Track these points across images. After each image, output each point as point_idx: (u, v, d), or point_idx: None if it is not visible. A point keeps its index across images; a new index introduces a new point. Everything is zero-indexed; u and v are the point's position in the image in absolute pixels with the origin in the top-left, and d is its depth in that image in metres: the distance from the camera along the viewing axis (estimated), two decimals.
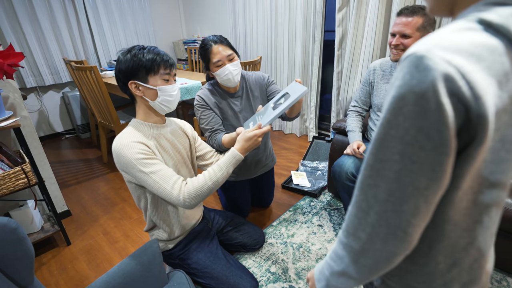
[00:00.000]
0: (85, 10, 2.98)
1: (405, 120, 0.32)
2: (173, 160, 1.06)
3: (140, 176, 0.93)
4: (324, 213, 1.74)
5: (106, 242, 1.59)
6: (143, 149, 0.93)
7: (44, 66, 2.86)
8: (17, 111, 1.48)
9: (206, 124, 1.33)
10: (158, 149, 1.00)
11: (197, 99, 1.35)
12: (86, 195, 2.05)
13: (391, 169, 0.35)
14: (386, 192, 0.36)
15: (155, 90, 0.96)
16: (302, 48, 2.56)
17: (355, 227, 0.40)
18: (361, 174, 0.39)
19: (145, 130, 1.00)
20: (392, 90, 0.34)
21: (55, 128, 3.14)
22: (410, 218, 0.35)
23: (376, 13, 1.97)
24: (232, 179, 1.54)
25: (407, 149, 0.33)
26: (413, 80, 0.31)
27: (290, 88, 1.09)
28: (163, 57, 0.96)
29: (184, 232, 1.16)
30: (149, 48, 0.95)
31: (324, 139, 2.34)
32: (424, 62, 0.31)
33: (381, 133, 0.35)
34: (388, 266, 0.39)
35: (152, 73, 0.95)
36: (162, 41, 3.79)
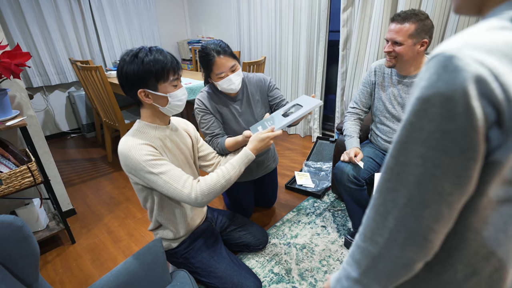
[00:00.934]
0: (91, 10, 3.01)
1: (430, 123, 0.31)
2: (177, 160, 1.06)
3: (149, 177, 0.93)
4: (328, 214, 1.73)
5: (110, 241, 1.60)
6: (151, 150, 0.93)
7: (51, 66, 2.89)
8: (24, 110, 1.50)
9: (206, 128, 1.33)
10: (164, 150, 1.01)
11: (197, 102, 1.35)
12: (91, 194, 2.07)
13: (412, 173, 0.34)
14: (406, 197, 0.35)
15: (165, 97, 0.96)
16: (306, 48, 2.56)
17: (372, 231, 0.39)
18: (380, 177, 0.38)
19: (150, 132, 1.00)
20: (416, 91, 0.32)
21: (61, 127, 3.17)
22: (431, 223, 0.34)
23: (381, 13, 1.95)
24: (237, 181, 1.54)
25: (431, 153, 0.32)
26: (440, 81, 0.30)
27: (302, 100, 1.15)
28: (171, 62, 0.93)
29: (188, 232, 1.16)
30: (155, 51, 0.92)
31: (328, 139, 2.33)
32: (454, 62, 0.29)
33: (403, 136, 0.34)
34: (407, 273, 0.38)
35: (162, 81, 0.93)
36: (167, 41, 3.80)
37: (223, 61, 1.22)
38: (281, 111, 1.17)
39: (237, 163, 1.04)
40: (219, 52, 1.21)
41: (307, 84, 2.70)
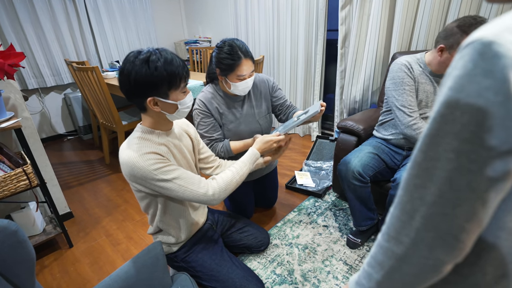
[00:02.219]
0: (87, 11, 2.97)
1: (463, 115, 0.29)
2: (180, 165, 1.04)
3: (162, 184, 0.89)
4: (329, 213, 1.71)
5: (109, 244, 1.57)
6: (158, 158, 0.90)
7: (46, 67, 2.85)
8: (19, 112, 1.47)
9: (205, 131, 1.31)
10: (169, 155, 0.98)
11: (197, 103, 1.32)
12: (88, 197, 2.03)
13: (443, 168, 0.31)
14: (436, 194, 0.32)
15: (175, 104, 0.91)
16: (304, 47, 2.54)
17: (397, 231, 0.37)
18: (406, 173, 0.36)
19: (153, 139, 0.95)
20: (449, 81, 0.30)
21: (57, 129, 3.13)
22: (463, 223, 0.32)
23: (380, 10, 1.94)
24: None
25: (465, 147, 0.30)
26: (477, 69, 0.28)
27: (313, 106, 1.23)
28: (183, 68, 0.89)
29: (189, 236, 1.14)
30: (165, 55, 0.87)
31: (328, 138, 2.32)
32: (493, 48, 0.27)
33: (433, 129, 0.32)
34: (434, 276, 0.36)
35: (174, 88, 0.89)
36: (164, 41, 3.77)
37: (248, 64, 1.22)
38: (295, 117, 1.24)
39: (247, 161, 1.09)
40: (246, 54, 1.20)
41: (305, 83, 2.69)
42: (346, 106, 2.39)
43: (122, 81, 0.87)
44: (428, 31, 1.82)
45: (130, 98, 0.91)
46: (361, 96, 2.25)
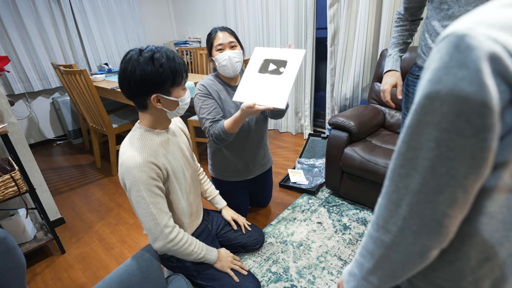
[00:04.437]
0: (73, 13, 2.92)
1: (442, 105, 0.30)
2: (180, 164, 1.04)
3: (138, 200, 0.90)
4: (323, 210, 1.73)
5: (102, 248, 1.55)
6: (155, 175, 0.91)
7: (32, 72, 2.79)
8: (5, 117, 1.44)
9: (208, 113, 1.28)
10: (167, 158, 0.97)
11: (198, 88, 1.33)
12: (80, 202, 2.00)
13: (425, 158, 0.33)
14: (420, 182, 0.34)
15: (177, 101, 0.93)
16: (294, 46, 2.55)
17: (385, 220, 0.38)
18: (392, 163, 0.37)
19: (154, 139, 0.96)
20: (427, 74, 0.32)
21: (46, 134, 3.07)
22: (446, 209, 0.33)
23: (367, 8, 1.97)
24: (231, 180, 1.51)
25: (444, 136, 0.31)
26: (452, 61, 0.29)
27: (281, 53, 1.12)
28: (184, 65, 0.91)
29: None
30: (167, 53, 0.87)
31: (320, 136, 2.33)
32: (466, 41, 0.29)
33: (415, 120, 0.33)
34: (422, 261, 0.37)
35: (176, 85, 0.91)
36: (153, 42, 3.73)
37: (223, 35, 1.28)
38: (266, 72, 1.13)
39: (204, 249, 1.08)
40: (222, 29, 1.29)
41: (296, 82, 2.70)
42: (337, 103, 2.41)
43: (125, 80, 0.87)
44: None
45: (132, 96, 0.91)
46: (351, 93, 2.27)
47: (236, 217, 1.36)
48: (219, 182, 1.55)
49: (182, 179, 1.05)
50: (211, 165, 1.53)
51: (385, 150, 1.57)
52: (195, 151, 2.37)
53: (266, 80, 1.12)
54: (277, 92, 1.08)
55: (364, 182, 1.62)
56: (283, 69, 1.10)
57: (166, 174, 0.96)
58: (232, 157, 1.46)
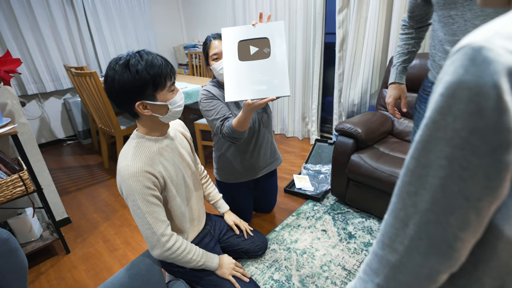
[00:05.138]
0: (86, 16, 2.99)
1: (455, 121, 0.28)
2: (179, 170, 1.04)
3: (134, 209, 0.90)
4: (328, 217, 1.70)
5: (106, 250, 1.56)
6: (150, 184, 0.90)
7: (45, 73, 2.87)
8: (16, 118, 1.47)
9: (216, 113, 1.27)
10: (165, 166, 0.97)
11: (202, 93, 1.33)
12: (87, 202, 2.03)
13: (436, 176, 0.31)
14: (429, 202, 0.32)
15: (165, 105, 0.90)
16: (302, 51, 2.54)
17: (391, 238, 0.36)
18: (399, 179, 0.35)
19: (151, 146, 0.95)
20: (440, 87, 0.30)
21: (57, 134, 3.13)
22: (457, 231, 0.31)
23: (377, 13, 1.95)
24: (237, 181, 1.51)
25: (457, 153, 0.29)
26: (467, 75, 0.27)
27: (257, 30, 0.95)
28: (166, 66, 0.87)
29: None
30: (146, 56, 0.86)
31: (327, 141, 2.31)
32: (483, 53, 0.27)
33: (425, 135, 0.31)
34: (430, 285, 0.35)
35: (160, 89, 0.88)
36: (163, 46, 3.79)
37: (217, 44, 1.27)
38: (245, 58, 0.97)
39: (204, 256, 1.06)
40: (216, 37, 1.29)
41: (304, 87, 2.69)
42: (345, 109, 2.38)
43: (107, 90, 0.86)
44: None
45: (119, 106, 0.89)
46: (359, 99, 2.24)
47: (238, 221, 1.35)
48: (224, 185, 1.54)
49: (181, 185, 1.04)
50: (216, 168, 1.53)
51: (393, 158, 1.54)
52: (201, 154, 2.37)
53: (254, 68, 0.95)
54: (274, 78, 0.93)
55: (371, 190, 1.59)
56: (268, 49, 0.95)
57: (163, 182, 0.95)
58: (239, 159, 1.45)
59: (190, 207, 1.12)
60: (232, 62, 0.96)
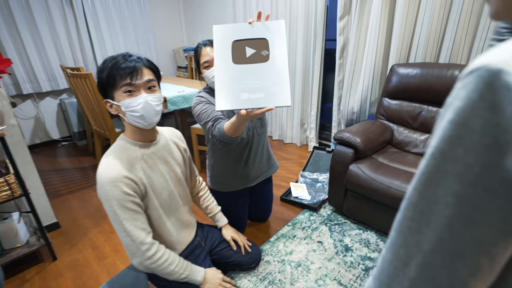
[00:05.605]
0: (85, 17, 2.96)
1: (467, 154, 0.24)
2: (166, 180, 1.00)
3: (111, 216, 0.87)
4: (324, 228, 1.65)
5: (94, 257, 1.51)
6: (129, 189, 0.87)
7: (42, 73, 2.83)
8: (5, 119, 1.43)
9: (208, 115, 1.21)
10: (147, 173, 0.93)
11: (195, 99, 1.29)
12: (78, 206, 1.98)
13: (442, 214, 0.27)
14: (434, 242, 0.27)
15: (119, 106, 0.88)
16: (302, 57, 2.52)
17: (390, 278, 0.32)
18: (400, 213, 0.31)
19: (134, 151, 0.92)
20: (449, 112, 0.26)
21: (52, 135, 3.09)
22: (465, 277, 0.27)
23: (378, 21, 1.92)
24: (231, 190, 1.46)
25: (468, 191, 0.25)
26: (482, 101, 0.24)
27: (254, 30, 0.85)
28: (121, 64, 0.85)
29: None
30: (119, 57, 0.87)
31: (325, 149, 2.27)
32: (502, 78, 0.23)
33: (432, 166, 0.27)
34: None
35: (114, 88, 0.87)
36: (162, 48, 3.77)
37: (208, 51, 1.24)
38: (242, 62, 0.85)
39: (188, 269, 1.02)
40: (206, 44, 1.25)
41: (303, 93, 2.66)
42: (344, 116, 2.35)
43: None
44: (427, 43, 1.80)
45: None
46: (359, 107, 2.21)
47: (237, 236, 1.30)
48: (218, 194, 1.49)
49: (165, 196, 1.00)
50: (210, 176, 1.49)
51: (392, 169, 1.50)
52: (197, 159, 2.33)
53: (250, 72, 0.83)
54: (273, 85, 0.82)
55: (369, 202, 1.54)
56: (267, 52, 0.84)
57: (144, 189, 0.92)
58: (232, 168, 1.41)
59: (177, 218, 1.07)
60: (224, 65, 0.84)
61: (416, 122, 1.78)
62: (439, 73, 1.67)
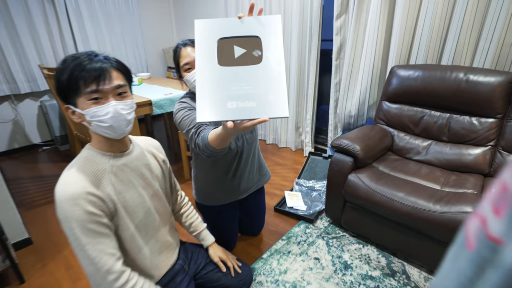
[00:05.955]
0: (67, 14, 2.79)
1: None
2: (141, 197, 0.86)
3: (71, 240, 0.72)
4: (322, 242, 1.53)
5: (68, 279, 1.36)
6: (94, 208, 0.73)
7: (20, 73, 2.65)
8: None
9: (190, 123, 1.07)
10: (117, 188, 0.80)
11: (177, 106, 1.15)
12: (54, 218, 1.82)
13: None
14: None
15: (83, 115, 0.74)
16: (297, 58, 2.40)
17: None
18: None
19: (102, 163, 0.79)
20: None
21: (32, 139, 2.91)
22: None
23: (377, 20, 1.81)
24: (219, 204, 1.33)
25: None
26: None
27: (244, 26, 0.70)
28: (86, 66, 0.72)
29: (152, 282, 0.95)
30: (82, 56, 0.73)
31: (321, 155, 2.16)
32: None
33: None
34: None
35: (75, 94, 0.73)
36: (152, 47, 3.61)
37: (188, 51, 1.10)
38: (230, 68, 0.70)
39: None
40: (186, 44, 1.11)
41: (298, 95, 2.54)
42: (341, 120, 2.24)
43: None
44: (429, 43, 1.70)
45: None
46: (356, 110, 2.10)
47: (225, 257, 1.17)
48: (204, 208, 1.36)
49: (140, 214, 0.87)
50: (195, 189, 1.35)
51: (394, 180, 1.39)
52: (186, 166, 2.19)
53: (240, 76, 0.69)
54: (267, 91, 0.68)
55: (369, 214, 1.43)
56: (259, 52, 0.70)
57: (113, 207, 0.78)
58: (220, 181, 1.28)
59: (155, 240, 0.94)
60: (208, 67, 0.69)
61: (418, 128, 1.68)
62: (442, 75, 1.57)
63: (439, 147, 1.59)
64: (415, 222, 1.23)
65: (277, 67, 0.70)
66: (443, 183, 1.36)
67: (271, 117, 0.67)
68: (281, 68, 0.70)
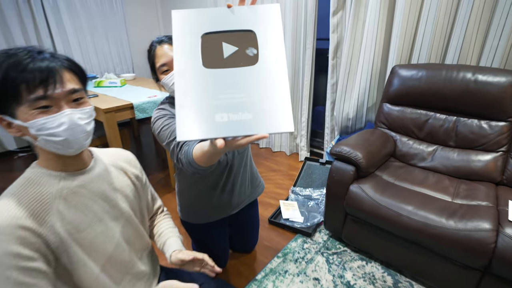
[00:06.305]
0: (44, 11, 2.60)
1: None
2: (99, 223, 0.69)
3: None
4: (321, 259, 1.40)
5: None
6: (25, 249, 0.55)
7: None
8: None
9: (171, 134, 0.91)
10: (68, 217, 0.63)
11: (155, 114, 0.98)
12: None
13: None
14: None
15: (26, 128, 0.58)
16: (291, 57, 2.26)
17: None
18: None
19: (49, 185, 0.62)
20: None
21: (6, 145, 2.69)
22: None
23: (376, 16, 1.69)
24: (208, 222, 1.17)
25: None
26: None
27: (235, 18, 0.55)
28: (27, 66, 0.56)
29: None
30: (16, 52, 0.57)
31: (318, 161, 2.02)
32: None
33: None
34: None
35: (15, 101, 0.57)
36: (138, 47, 3.43)
37: (165, 50, 0.92)
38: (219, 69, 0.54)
39: None
40: (162, 41, 0.94)
41: (292, 97, 2.40)
42: (338, 123, 2.11)
43: None
44: (432, 40, 1.58)
45: None
46: (354, 112, 1.98)
47: (186, 257, 0.84)
48: (190, 226, 1.21)
49: (100, 246, 0.69)
50: (179, 205, 1.20)
51: (401, 190, 1.26)
52: (172, 176, 2.02)
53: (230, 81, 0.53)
54: (265, 100, 0.53)
55: (373, 228, 1.30)
56: (255, 51, 0.55)
57: (58, 244, 0.61)
58: (207, 196, 1.13)
59: (130, 274, 0.78)
60: (189, 70, 0.54)
61: (422, 132, 1.56)
62: (448, 75, 1.45)
63: (445, 153, 1.47)
64: (426, 239, 1.10)
65: (277, 68, 0.55)
66: (454, 194, 1.24)
67: (272, 133, 0.52)
68: (282, 69, 0.54)
